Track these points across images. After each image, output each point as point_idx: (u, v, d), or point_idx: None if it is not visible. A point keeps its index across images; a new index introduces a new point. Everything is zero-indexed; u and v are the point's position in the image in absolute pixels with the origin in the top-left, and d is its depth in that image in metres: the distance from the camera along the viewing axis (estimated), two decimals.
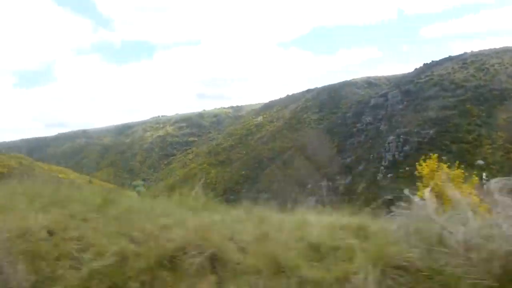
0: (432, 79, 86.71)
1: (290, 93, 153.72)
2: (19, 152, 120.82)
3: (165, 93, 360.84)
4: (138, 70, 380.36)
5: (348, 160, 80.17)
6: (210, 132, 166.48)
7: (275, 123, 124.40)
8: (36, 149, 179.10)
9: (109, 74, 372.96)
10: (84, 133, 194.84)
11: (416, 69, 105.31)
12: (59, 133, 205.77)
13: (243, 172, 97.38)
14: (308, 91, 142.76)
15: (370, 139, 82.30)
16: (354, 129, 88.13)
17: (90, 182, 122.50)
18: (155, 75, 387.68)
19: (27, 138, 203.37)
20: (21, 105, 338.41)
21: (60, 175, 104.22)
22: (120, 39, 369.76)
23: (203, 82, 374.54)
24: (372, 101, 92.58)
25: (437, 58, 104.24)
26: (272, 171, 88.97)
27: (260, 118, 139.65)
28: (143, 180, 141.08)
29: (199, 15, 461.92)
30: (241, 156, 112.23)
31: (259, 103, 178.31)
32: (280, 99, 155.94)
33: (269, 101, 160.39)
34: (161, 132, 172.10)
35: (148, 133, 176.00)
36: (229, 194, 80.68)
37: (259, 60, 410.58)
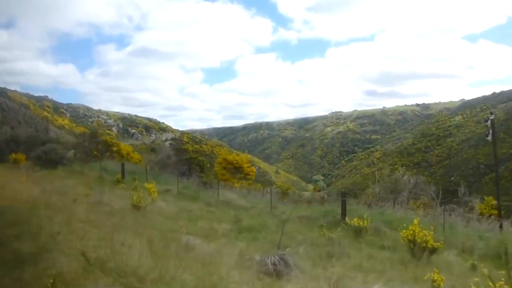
0: None
1: (497, 91, 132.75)
2: (210, 138, 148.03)
3: (336, 89, 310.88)
4: (311, 67, 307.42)
5: None
6: (394, 131, 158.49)
7: (483, 124, 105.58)
8: (225, 137, 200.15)
9: (284, 71, 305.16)
10: (267, 125, 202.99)
11: None
12: (245, 124, 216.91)
13: (452, 178, 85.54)
14: None
15: None
16: None
17: (277, 172, 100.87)
18: (327, 72, 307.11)
19: (218, 127, 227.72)
20: (206, 98, 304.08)
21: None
22: (296, 37, 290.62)
23: (372, 79, 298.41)
24: None
25: None
26: (493, 180, 70.26)
27: (458, 118, 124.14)
28: (323, 175, 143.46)
29: (374, 11, 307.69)
30: (441, 159, 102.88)
31: (450, 101, 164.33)
32: (484, 97, 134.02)
33: (467, 100, 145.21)
34: (341, 128, 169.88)
35: (329, 128, 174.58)
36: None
37: (439, 55, 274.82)
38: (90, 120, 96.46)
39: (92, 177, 20.39)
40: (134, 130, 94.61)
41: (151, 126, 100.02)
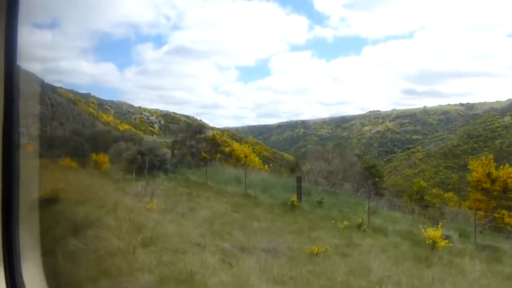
0: None
1: None
2: (246, 136, 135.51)
3: (372, 88, 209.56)
4: (347, 65, 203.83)
5: None
6: (437, 131, 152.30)
7: None
8: (259, 135, 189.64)
9: (319, 69, 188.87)
10: (303, 124, 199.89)
11: None
12: (280, 122, 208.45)
13: None
14: None
15: None
16: None
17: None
18: (363, 70, 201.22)
19: (253, 125, 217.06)
20: (240, 96, 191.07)
21: None
22: (332, 35, 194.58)
23: (410, 78, 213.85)
24: None
25: None
26: None
27: (507, 119, 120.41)
28: None
29: (414, 7, 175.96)
30: None
31: (497, 101, 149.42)
32: None
33: None
34: (380, 127, 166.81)
35: (367, 127, 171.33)
36: None
37: (482, 52, 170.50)
38: (133, 117, 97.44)
39: (232, 195, 14.08)
40: (176, 127, 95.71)
41: (191, 123, 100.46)
